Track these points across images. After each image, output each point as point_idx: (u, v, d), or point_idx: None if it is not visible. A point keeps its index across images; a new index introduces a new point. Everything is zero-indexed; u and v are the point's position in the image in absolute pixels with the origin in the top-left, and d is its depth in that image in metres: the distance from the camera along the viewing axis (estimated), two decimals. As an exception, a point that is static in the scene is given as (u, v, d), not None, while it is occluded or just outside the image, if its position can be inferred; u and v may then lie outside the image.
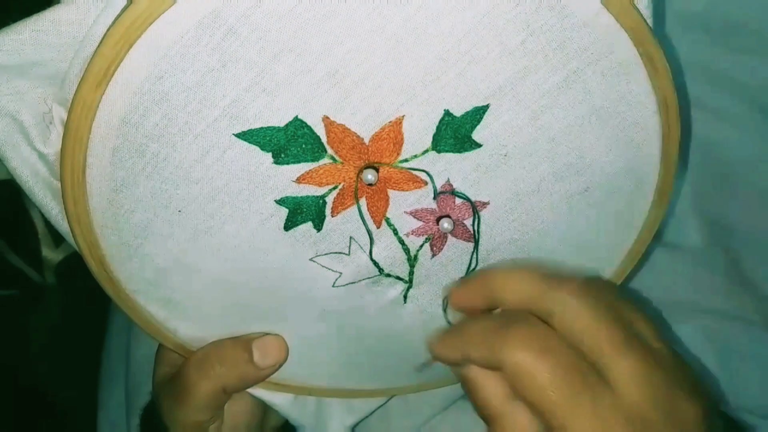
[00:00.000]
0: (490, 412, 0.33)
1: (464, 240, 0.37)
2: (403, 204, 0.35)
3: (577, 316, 0.31)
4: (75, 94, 0.30)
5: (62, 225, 0.36)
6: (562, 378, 0.30)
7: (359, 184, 0.34)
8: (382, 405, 0.48)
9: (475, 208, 0.36)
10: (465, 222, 0.36)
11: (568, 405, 0.30)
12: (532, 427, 0.32)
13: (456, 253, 0.38)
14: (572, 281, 0.33)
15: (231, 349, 0.40)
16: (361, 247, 0.37)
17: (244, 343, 0.40)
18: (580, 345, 0.31)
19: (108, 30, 0.29)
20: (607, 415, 0.30)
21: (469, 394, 0.34)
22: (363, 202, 0.35)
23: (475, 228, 0.37)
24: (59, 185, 0.33)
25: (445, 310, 0.39)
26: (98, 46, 0.30)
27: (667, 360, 0.32)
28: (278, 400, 0.44)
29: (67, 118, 0.31)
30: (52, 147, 0.34)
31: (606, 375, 0.31)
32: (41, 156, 0.35)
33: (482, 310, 0.35)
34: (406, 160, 0.34)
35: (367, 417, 0.48)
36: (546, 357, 0.31)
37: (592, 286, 0.33)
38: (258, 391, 0.44)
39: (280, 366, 0.41)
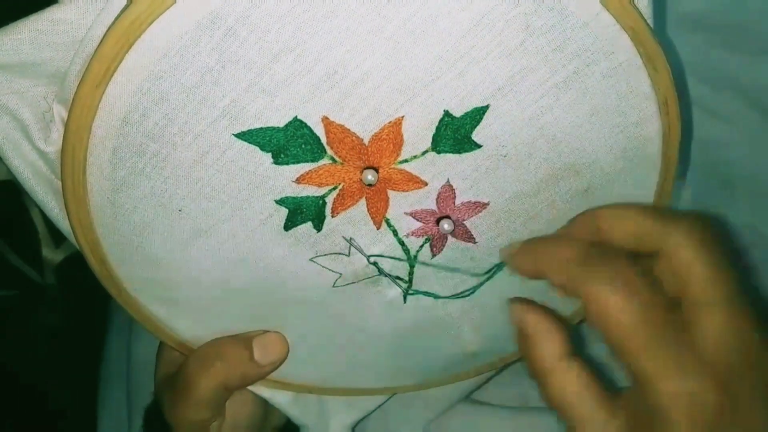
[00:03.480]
0: (542, 367, 0.32)
1: (464, 240, 0.37)
2: (403, 205, 0.35)
3: (691, 259, 0.30)
4: (75, 94, 0.31)
5: (63, 224, 0.36)
6: (646, 322, 0.29)
7: (358, 185, 0.34)
8: (383, 403, 0.48)
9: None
10: (465, 223, 0.36)
11: (651, 350, 0.29)
12: (581, 387, 0.31)
13: (456, 254, 0.38)
14: (688, 220, 0.31)
15: (231, 347, 0.40)
16: (361, 249, 0.37)
17: (245, 340, 0.41)
18: (685, 288, 0.30)
19: (108, 30, 0.29)
20: (690, 367, 0.29)
21: (523, 348, 0.33)
22: (363, 202, 0.35)
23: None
24: (60, 184, 0.33)
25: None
26: (98, 46, 0.30)
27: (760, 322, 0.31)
28: (279, 398, 0.45)
29: (68, 117, 0.31)
30: (53, 145, 0.34)
31: (693, 327, 0.30)
32: (42, 155, 0.35)
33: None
34: (405, 161, 0.34)
35: (366, 416, 0.48)
36: (633, 297, 0.30)
37: (707, 229, 0.31)
38: (259, 389, 0.44)
39: (281, 363, 0.41)
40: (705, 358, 0.30)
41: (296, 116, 0.31)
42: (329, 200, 0.35)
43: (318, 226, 0.35)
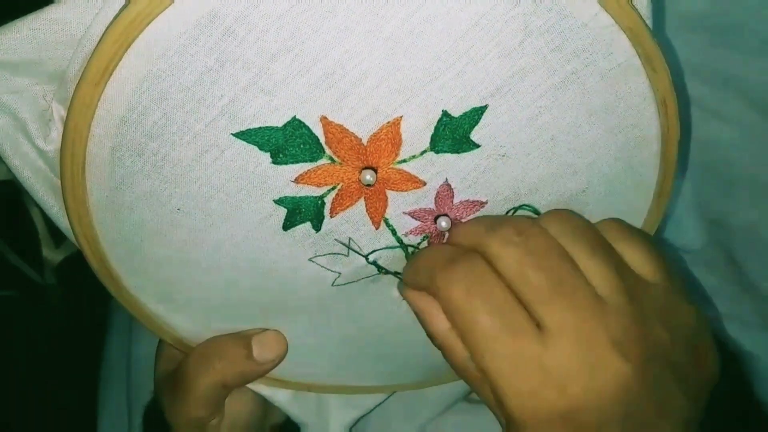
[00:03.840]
0: (437, 342, 0.34)
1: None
2: (401, 204, 0.35)
3: (507, 263, 0.32)
4: (74, 93, 0.31)
5: (63, 222, 0.36)
6: (486, 320, 0.31)
7: (357, 185, 0.34)
8: (383, 401, 0.48)
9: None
10: (463, 221, 0.36)
11: (489, 347, 0.31)
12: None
13: None
14: (508, 225, 0.32)
15: (230, 345, 0.40)
16: (360, 249, 0.37)
17: (244, 338, 0.41)
18: (516, 291, 0.31)
19: (106, 29, 0.29)
20: (526, 363, 0.31)
21: (421, 324, 0.35)
22: (361, 202, 0.35)
23: None
24: (60, 182, 0.33)
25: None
26: (97, 45, 0.30)
27: (617, 311, 0.31)
28: (278, 396, 0.45)
29: (67, 116, 0.31)
30: (53, 144, 0.35)
31: (541, 324, 0.31)
32: (41, 153, 0.35)
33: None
34: (404, 161, 0.34)
35: (366, 415, 0.48)
36: (475, 296, 0.31)
37: (528, 228, 0.32)
38: (258, 387, 0.44)
39: (280, 361, 0.42)
40: (542, 355, 0.30)
41: (295, 116, 0.31)
42: (328, 200, 0.35)
43: (317, 226, 0.35)
